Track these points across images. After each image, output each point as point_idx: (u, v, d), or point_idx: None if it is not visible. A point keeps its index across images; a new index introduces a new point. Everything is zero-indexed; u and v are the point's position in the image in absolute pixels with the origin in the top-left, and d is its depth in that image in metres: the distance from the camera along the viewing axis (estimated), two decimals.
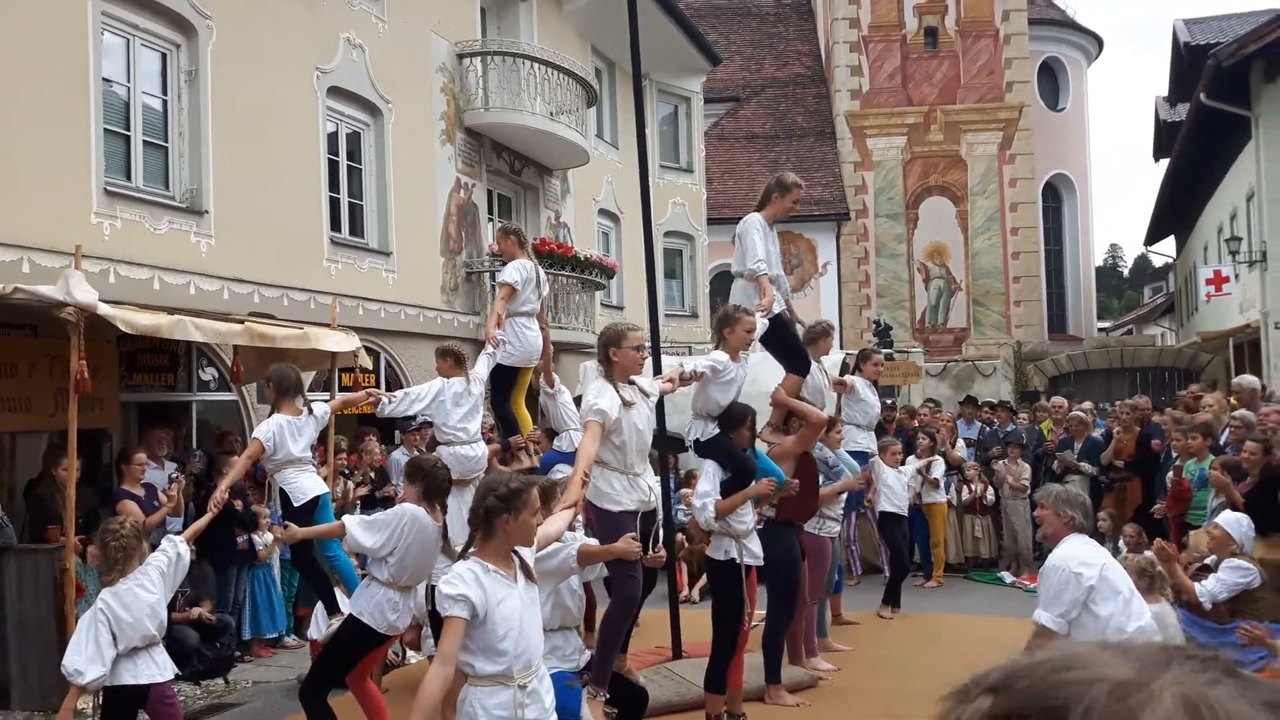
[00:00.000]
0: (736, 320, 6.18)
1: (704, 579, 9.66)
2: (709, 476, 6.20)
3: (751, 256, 6.61)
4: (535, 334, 7.46)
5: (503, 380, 7.44)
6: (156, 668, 5.07)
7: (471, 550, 3.84)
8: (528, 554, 3.99)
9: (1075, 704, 0.66)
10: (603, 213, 19.48)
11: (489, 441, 7.60)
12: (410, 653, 8.15)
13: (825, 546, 7.82)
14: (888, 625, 9.24)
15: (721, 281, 28.06)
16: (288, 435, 6.50)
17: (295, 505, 6.47)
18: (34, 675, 6.94)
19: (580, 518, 5.37)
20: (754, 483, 6.12)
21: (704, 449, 6.29)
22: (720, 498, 6.07)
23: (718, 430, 6.21)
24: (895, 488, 9.98)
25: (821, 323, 8.18)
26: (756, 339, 6.41)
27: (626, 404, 5.42)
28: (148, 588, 5.04)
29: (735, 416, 6.23)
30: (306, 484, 6.55)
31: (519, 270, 7.32)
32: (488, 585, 3.70)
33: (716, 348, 6.32)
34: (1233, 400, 10.76)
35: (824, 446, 7.53)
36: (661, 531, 6.05)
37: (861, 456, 8.55)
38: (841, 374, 9.37)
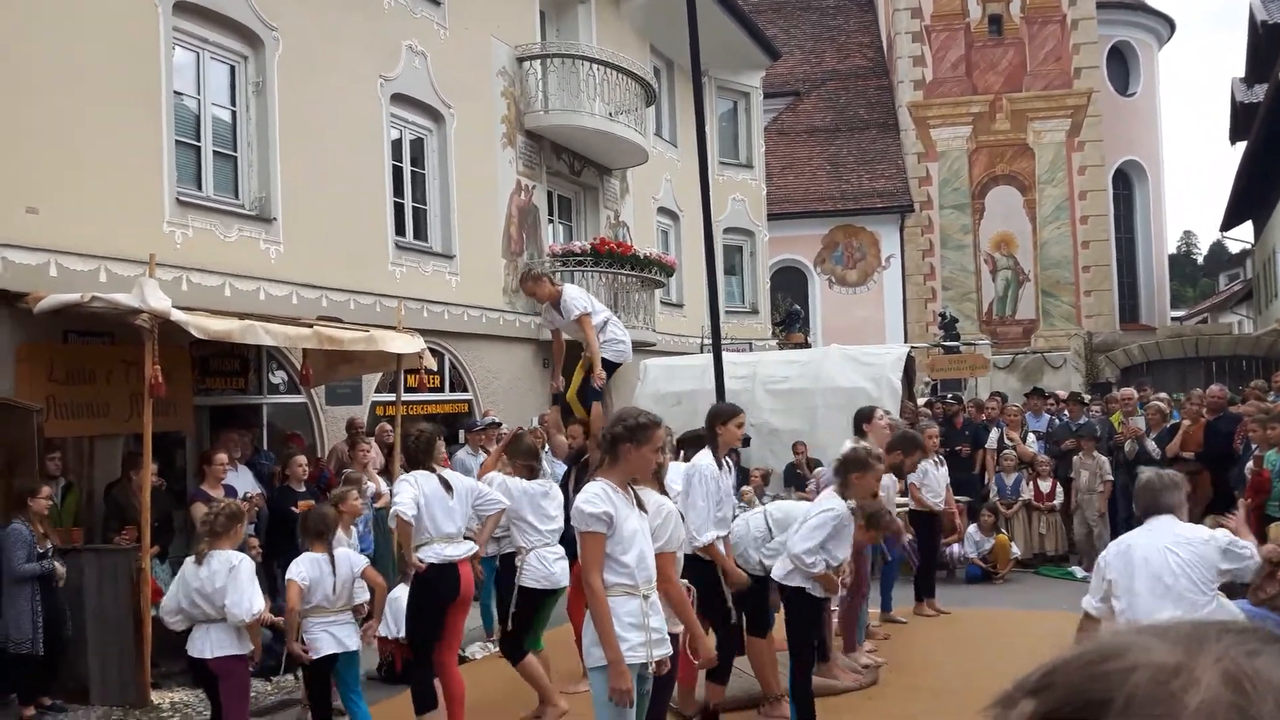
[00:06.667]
0: (868, 467, 5.94)
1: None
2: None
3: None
4: (624, 330, 7.58)
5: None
6: (210, 644, 5.40)
7: (598, 474, 4.29)
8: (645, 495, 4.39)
9: (1117, 694, 0.64)
10: (662, 211, 19.50)
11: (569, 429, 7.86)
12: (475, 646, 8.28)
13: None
14: (949, 622, 9.09)
15: (781, 277, 27.95)
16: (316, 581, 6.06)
17: (313, 658, 5.91)
18: (112, 672, 7.18)
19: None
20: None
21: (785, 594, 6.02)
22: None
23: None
24: (933, 484, 9.43)
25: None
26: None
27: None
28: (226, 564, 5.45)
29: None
30: (321, 641, 5.95)
31: (579, 297, 7.30)
32: (616, 502, 4.15)
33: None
34: None
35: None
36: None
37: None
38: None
